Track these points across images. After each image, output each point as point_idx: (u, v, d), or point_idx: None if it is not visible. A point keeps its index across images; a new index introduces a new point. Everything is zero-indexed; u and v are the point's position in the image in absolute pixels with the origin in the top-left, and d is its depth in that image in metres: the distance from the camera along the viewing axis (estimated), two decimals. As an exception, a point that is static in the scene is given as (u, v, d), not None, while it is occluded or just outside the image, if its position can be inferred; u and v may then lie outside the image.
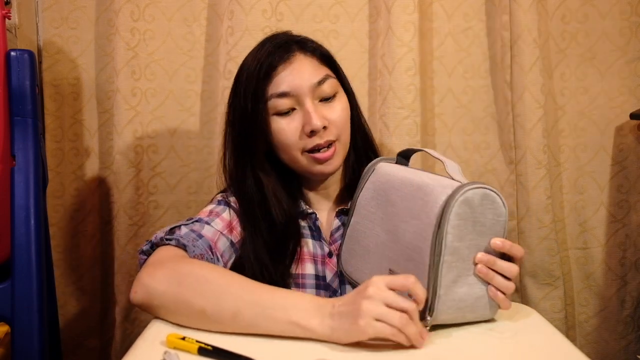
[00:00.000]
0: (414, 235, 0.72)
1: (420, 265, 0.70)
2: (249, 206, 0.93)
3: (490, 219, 0.69)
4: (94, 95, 1.36)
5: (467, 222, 0.68)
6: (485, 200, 0.68)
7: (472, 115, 1.36)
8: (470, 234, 0.68)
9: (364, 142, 1.00)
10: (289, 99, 0.89)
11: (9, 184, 1.00)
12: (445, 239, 0.67)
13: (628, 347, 1.37)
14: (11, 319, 0.98)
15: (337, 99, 0.92)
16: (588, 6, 1.35)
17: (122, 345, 1.31)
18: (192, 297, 0.72)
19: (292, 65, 0.89)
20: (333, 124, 0.90)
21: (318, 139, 0.89)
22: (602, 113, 1.36)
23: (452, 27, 1.35)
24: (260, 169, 0.94)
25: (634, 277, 1.36)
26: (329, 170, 0.92)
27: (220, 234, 0.90)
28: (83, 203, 1.37)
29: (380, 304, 0.64)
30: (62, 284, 1.35)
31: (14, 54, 1.01)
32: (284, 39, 0.93)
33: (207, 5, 1.34)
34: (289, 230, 0.93)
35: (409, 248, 0.73)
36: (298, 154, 0.91)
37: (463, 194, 0.67)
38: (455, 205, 0.67)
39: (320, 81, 0.89)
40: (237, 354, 0.63)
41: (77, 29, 1.35)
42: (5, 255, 1.01)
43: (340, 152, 0.92)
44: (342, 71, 0.98)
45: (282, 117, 0.90)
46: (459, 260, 0.68)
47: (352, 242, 0.88)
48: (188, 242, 0.84)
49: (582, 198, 1.38)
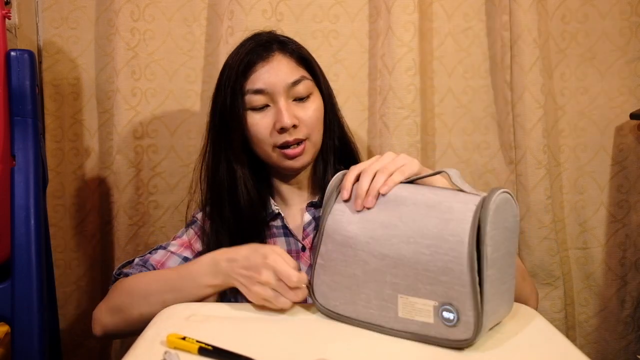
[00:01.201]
0: (433, 256, 0.66)
1: (454, 286, 0.65)
2: (218, 193, 0.98)
3: (511, 222, 0.69)
4: (94, 95, 1.36)
5: (499, 230, 0.66)
6: (507, 205, 0.68)
7: (472, 115, 1.36)
8: (502, 243, 0.67)
9: (341, 143, 1.03)
10: (264, 95, 0.93)
11: (9, 184, 1.00)
12: (485, 252, 0.64)
13: (628, 347, 1.37)
14: (11, 319, 0.97)
15: (310, 100, 0.96)
16: (588, 6, 1.35)
17: (122, 345, 1.32)
18: (129, 310, 0.87)
19: (269, 64, 0.94)
20: (303, 123, 0.94)
21: (288, 136, 0.93)
22: (602, 113, 1.36)
23: (452, 27, 1.35)
24: (235, 159, 0.97)
25: (634, 277, 1.36)
26: (297, 166, 0.96)
27: (170, 254, 0.99)
28: (83, 203, 1.37)
29: (268, 290, 0.76)
30: (62, 284, 1.35)
31: (14, 54, 1.01)
32: (266, 38, 0.98)
33: (207, 5, 1.34)
34: (254, 221, 0.97)
35: (429, 271, 0.66)
36: (269, 149, 0.95)
37: (494, 202, 0.65)
38: (490, 215, 0.65)
39: (295, 82, 0.94)
40: (237, 354, 0.63)
41: (77, 29, 1.35)
42: (5, 255, 1.01)
43: (310, 150, 0.96)
44: (320, 74, 1.01)
45: (256, 113, 0.95)
46: (498, 271, 0.67)
47: (330, 274, 0.75)
48: (133, 271, 0.95)
49: (582, 198, 1.38)
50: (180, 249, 1.00)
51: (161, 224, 1.35)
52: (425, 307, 0.67)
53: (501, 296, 0.68)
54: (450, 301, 0.65)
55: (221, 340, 0.66)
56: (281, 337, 0.70)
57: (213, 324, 0.74)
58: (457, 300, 0.65)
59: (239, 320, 0.75)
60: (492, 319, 0.68)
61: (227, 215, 0.97)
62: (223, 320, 0.75)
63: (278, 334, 0.71)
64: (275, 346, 0.67)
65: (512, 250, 0.70)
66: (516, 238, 0.71)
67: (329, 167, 1.00)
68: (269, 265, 0.76)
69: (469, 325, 0.64)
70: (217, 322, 0.74)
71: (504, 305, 0.70)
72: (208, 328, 0.72)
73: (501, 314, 0.71)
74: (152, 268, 0.96)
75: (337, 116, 1.04)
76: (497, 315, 0.70)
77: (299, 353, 0.65)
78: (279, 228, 1.00)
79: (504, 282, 0.68)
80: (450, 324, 0.65)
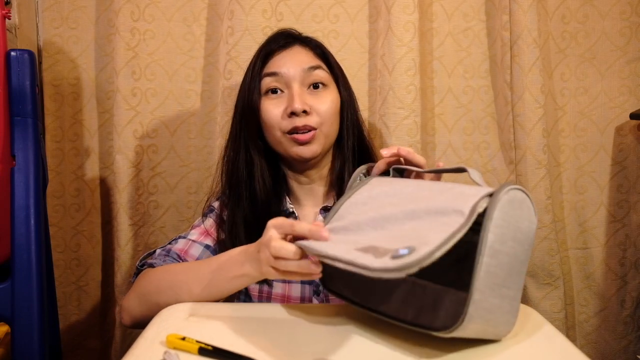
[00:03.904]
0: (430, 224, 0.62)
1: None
2: (237, 182, 0.99)
3: (526, 226, 0.64)
4: (94, 95, 1.36)
5: (510, 225, 0.62)
6: (524, 205, 0.63)
7: (472, 115, 1.36)
8: (511, 240, 0.62)
9: (360, 146, 1.02)
10: (278, 80, 0.96)
11: (9, 184, 1.00)
12: (486, 238, 0.59)
13: (628, 347, 1.37)
14: (11, 319, 0.98)
15: (326, 91, 0.97)
16: (588, 6, 1.35)
17: (122, 345, 1.31)
18: (157, 300, 0.84)
19: (287, 52, 0.98)
20: (316, 111, 0.95)
21: (297, 121, 0.93)
22: (602, 113, 1.36)
23: (452, 27, 1.35)
24: (253, 147, 0.99)
25: (634, 277, 1.36)
26: (306, 154, 0.95)
27: (191, 242, 0.99)
28: (83, 203, 1.37)
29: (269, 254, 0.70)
30: (62, 284, 1.35)
31: (14, 54, 1.01)
32: (290, 32, 1.03)
33: (207, 5, 1.34)
34: (269, 212, 0.96)
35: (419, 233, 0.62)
36: (279, 134, 0.96)
37: (507, 192, 0.61)
38: (500, 202, 0.60)
39: (310, 68, 0.96)
40: (237, 354, 0.63)
41: (77, 29, 1.35)
42: (5, 255, 1.01)
43: (321, 140, 0.96)
44: (339, 72, 1.03)
45: (271, 98, 0.97)
46: (498, 266, 0.61)
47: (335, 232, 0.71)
48: (157, 262, 0.94)
49: (582, 198, 1.38)
50: (201, 237, 1.00)
51: (161, 224, 1.35)
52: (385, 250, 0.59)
53: (500, 299, 0.63)
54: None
55: (221, 340, 0.66)
56: (281, 337, 0.70)
57: (213, 324, 0.74)
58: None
59: (239, 320, 0.75)
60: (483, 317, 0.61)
61: (244, 204, 0.97)
62: (223, 320, 0.75)
63: (278, 334, 0.71)
64: (275, 346, 0.67)
65: (521, 257, 0.64)
66: (529, 248, 0.65)
67: (346, 169, 0.99)
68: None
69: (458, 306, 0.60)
70: (217, 322, 0.74)
71: (501, 312, 0.64)
72: (208, 328, 0.72)
73: (495, 320, 0.64)
74: (175, 257, 0.97)
75: (357, 119, 1.04)
76: (491, 317, 0.63)
77: (299, 353, 0.65)
78: None
79: (506, 286, 0.63)
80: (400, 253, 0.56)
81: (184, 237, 1.01)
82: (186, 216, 1.36)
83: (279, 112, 0.95)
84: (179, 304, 0.81)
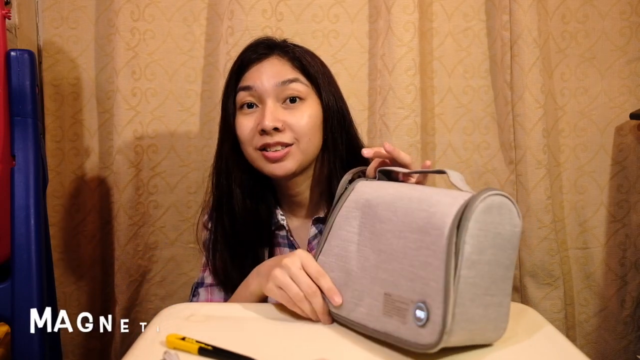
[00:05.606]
0: (418, 251, 0.63)
1: (430, 282, 0.60)
2: (219, 194, 0.96)
3: (508, 230, 0.62)
4: (94, 95, 1.37)
5: (488, 233, 0.60)
6: (503, 209, 0.61)
7: (472, 115, 1.36)
8: (490, 248, 0.60)
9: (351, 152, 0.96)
10: (252, 94, 0.91)
11: (9, 184, 1.00)
12: (462, 250, 0.59)
13: (628, 347, 1.37)
14: (11, 319, 0.98)
15: (304, 105, 0.91)
16: (588, 6, 1.35)
17: (122, 345, 1.31)
18: None
19: (262, 64, 0.92)
20: (290, 127, 0.89)
21: (268, 138, 0.88)
22: (602, 113, 1.36)
23: (452, 27, 1.35)
24: (232, 161, 0.95)
25: (634, 277, 1.36)
26: (279, 173, 0.90)
27: (209, 287, 0.98)
28: (83, 203, 1.37)
29: (286, 275, 0.72)
30: (62, 284, 1.35)
31: (14, 54, 1.01)
32: (268, 41, 0.96)
33: (207, 5, 1.34)
34: (249, 226, 0.94)
35: (412, 266, 0.63)
36: (252, 151, 0.91)
37: (482, 200, 0.59)
38: (475, 212, 0.59)
39: (284, 82, 0.90)
40: (238, 354, 0.63)
41: (77, 29, 1.35)
42: (5, 255, 1.01)
43: (297, 156, 0.90)
44: (325, 83, 0.95)
45: (244, 112, 0.92)
46: (477, 276, 0.60)
47: (329, 270, 0.74)
48: None
49: (582, 198, 1.38)
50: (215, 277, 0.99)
51: (161, 224, 1.35)
52: (403, 305, 0.62)
53: (484, 308, 0.61)
54: (425, 298, 0.60)
55: (221, 340, 0.66)
56: (281, 337, 0.69)
57: (213, 324, 0.74)
58: (430, 298, 0.59)
59: (239, 320, 0.75)
60: (465, 328, 0.60)
61: (224, 218, 0.95)
62: (223, 320, 0.75)
63: (278, 334, 0.71)
64: (275, 346, 0.67)
65: (505, 262, 0.62)
66: (513, 252, 0.63)
67: (335, 177, 0.94)
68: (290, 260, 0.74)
69: (435, 326, 0.58)
70: (217, 322, 0.74)
71: (487, 320, 0.62)
72: (208, 328, 0.72)
73: (482, 328, 0.63)
74: None
75: (347, 125, 0.98)
76: (475, 327, 0.61)
77: (299, 353, 0.65)
78: (283, 238, 0.97)
79: (490, 294, 0.61)
80: (420, 323, 0.59)
81: (202, 284, 0.98)
82: (186, 216, 1.36)
83: (251, 127, 0.90)
84: (179, 304, 0.81)
